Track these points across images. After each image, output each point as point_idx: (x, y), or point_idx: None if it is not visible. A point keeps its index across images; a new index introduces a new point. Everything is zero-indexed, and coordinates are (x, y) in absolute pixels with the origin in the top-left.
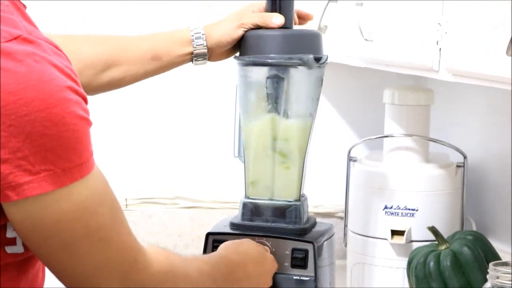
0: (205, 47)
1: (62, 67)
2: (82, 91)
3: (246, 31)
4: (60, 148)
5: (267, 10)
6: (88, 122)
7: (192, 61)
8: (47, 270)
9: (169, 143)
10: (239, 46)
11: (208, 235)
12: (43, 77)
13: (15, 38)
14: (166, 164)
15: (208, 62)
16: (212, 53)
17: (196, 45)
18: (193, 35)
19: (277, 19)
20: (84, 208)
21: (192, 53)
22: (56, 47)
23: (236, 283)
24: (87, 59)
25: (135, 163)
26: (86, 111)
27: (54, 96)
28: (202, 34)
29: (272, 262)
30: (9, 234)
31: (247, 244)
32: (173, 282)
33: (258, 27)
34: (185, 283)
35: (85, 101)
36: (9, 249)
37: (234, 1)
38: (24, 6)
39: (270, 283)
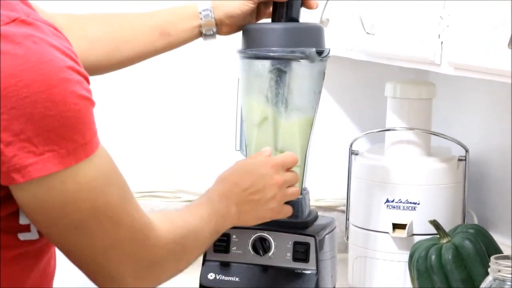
0: (213, 19)
1: (62, 48)
2: (83, 70)
3: (253, 17)
4: (63, 128)
5: (274, 4)
6: (90, 102)
7: (202, 36)
8: (58, 258)
9: (171, 136)
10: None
11: None
12: (42, 58)
13: (13, 21)
14: (167, 158)
15: (209, 55)
16: (221, 26)
17: (203, 17)
18: (199, 6)
19: None
20: (91, 188)
21: (200, 25)
22: (55, 29)
23: (239, 202)
24: (94, 38)
25: (137, 156)
26: (88, 91)
27: (54, 76)
28: (209, 5)
29: (269, 166)
30: (22, 220)
31: (234, 165)
32: (182, 246)
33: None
34: (193, 239)
35: (87, 81)
36: (23, 236)
37: None
38: None
39: (273, 191)
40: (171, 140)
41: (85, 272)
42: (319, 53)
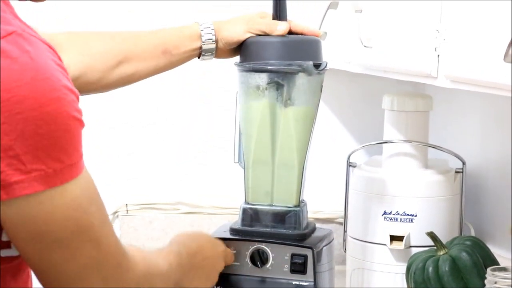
0: (214, 42)
1: (56, 66)
2: (75, 89)
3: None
4: (52, 148)
5: (273, 14)
6: (80, 123)
7: (199, 57)
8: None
9: (170, 148)
10: (239, 50)
11: None
12: (37, 76)
13: (10, 34)
14: (167, 170)
15: (208, 69)
16: (218, 50)
17: (205, 40)
18: (202, 30)
19: (281, 26)
20: (77, 206)
21: (200, 47)
22: (49, 46)
23: (198, 266)
24: (97, 54)
25: (136, 168)
26: (79, 112)
27: (48, 95)
28: (212, 29)
29: (223, 245)
30: (5, 237)
31: (198, 233)
32: (149, 283)
33: (264, 34)
34: (160, 280)
35: (78, 99)
36: (4, 253)
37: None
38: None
39: (222, 265)
40: (170, 152)
41: None
42: (317, 66)
